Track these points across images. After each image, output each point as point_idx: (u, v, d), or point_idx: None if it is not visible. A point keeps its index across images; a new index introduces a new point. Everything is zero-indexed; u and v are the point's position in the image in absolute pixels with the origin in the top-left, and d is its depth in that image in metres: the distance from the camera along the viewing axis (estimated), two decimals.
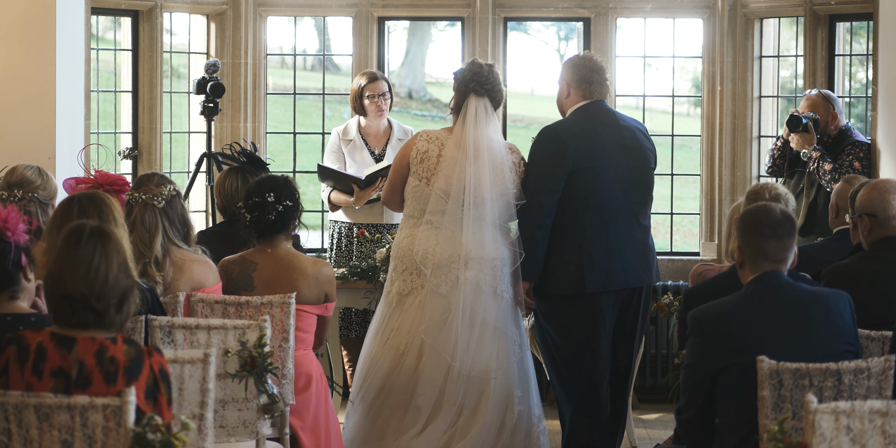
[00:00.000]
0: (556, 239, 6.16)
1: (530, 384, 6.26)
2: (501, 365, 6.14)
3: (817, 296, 4.43)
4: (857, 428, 3.65)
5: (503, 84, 6.33)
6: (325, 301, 5.65)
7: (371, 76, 7.77)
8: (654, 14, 8.85)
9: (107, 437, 3.57)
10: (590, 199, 6.16)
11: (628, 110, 15.78)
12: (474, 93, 6.21)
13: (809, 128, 7.56)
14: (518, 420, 6.16)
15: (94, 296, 3.65)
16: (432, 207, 6.16)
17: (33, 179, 5.93)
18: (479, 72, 6.22)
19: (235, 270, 5.63)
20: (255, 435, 5.05)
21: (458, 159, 6.15)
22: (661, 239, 13.98)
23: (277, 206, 5.60)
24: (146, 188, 5.38)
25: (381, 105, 7.74)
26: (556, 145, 6.15)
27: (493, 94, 6.23)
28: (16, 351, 3.68)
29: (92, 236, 3.70)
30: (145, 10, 8.58)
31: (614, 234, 6.19)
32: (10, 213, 4.08)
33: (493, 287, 6.15)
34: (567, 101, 6.34)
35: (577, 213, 6.15)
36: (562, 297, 6.19)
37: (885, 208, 5.40)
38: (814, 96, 7.73)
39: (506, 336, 6.16)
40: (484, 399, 6.10)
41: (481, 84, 6.21)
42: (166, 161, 8.82)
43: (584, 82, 6.30)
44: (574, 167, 6.13)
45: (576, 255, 6.13)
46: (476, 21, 8.80)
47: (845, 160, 7.52)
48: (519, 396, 6.17)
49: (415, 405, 6.12)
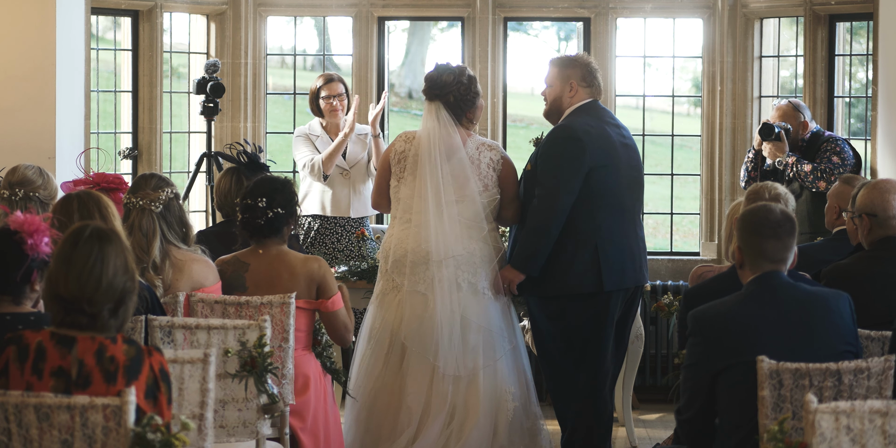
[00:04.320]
0: (569, 237, 6.16)
1: (527, 382, 6.26)
2: (488, 362, 6.14)
3: (817, 296, 4.43)
4: (857, 428, 3.65)
5: (470, 85, 6.31)
6: (320, 296, 5.61)
7: (327, 78, 7.98)
8: (654, 14, 8.85)
9: (107, 437, 3.57)
10: (604, 197, 6.19)
11: (628, 110, 15.79)
12: (426, 96, 6.32)
13: (781, 136, 7.57)
14: (514, 417, 6.15)
15: (85, 298, 3.62)
16: (407, 207, 6.25)
17: (34, 179, 5.93)
18: (427, 77, 6.35)
19: (229, 271, 5.63)
20: (255, 435, 5.05)
21: (422, 159, 6.23)
22: (661, 239, 13.99)
23: (268, 212, 5.57)
24: (143, 193, 5.37)
25: (336, 106, 7.93)
26: (575, 144, 6.16)
27: (443, 99, 6.27)
28: (15, 351, 3.67)
29: (90, 238, 3.66)
30: (145, 10, 8.58)
31: (625, 232, 6.25)
32: (39, 224, 4.05)
33: (473, 284, 6.16)
34: (571, 99, 6.34)
35: (592, 212, 6.17)
36: (575, 296, 6.19)
37: (885, 208, 5.40)
38: (784, 106, 7.74)
39: (490, 333, 6.17)
40: (474, 398, 6.10)
41: (430, 88, 6.30)
42: (166, 161, 8.82)
43: (592, 80, 6.34)
44: (591, 165, 6.15)
45: (591, 254, 6.16)
46: (476, 21, 8.80)
47: (823, 157, 7.52)
48: (513, 393, 6.17)
49: (406, 405, 6.13)
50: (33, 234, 4.03)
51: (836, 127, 8.40)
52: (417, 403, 6.11)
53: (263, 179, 5.74)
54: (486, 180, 6.25)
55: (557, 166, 6.15)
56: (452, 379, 6.11)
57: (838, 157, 7.50)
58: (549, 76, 6.40)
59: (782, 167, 7.55)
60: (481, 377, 6.12)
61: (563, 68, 6.37)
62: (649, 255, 8.82)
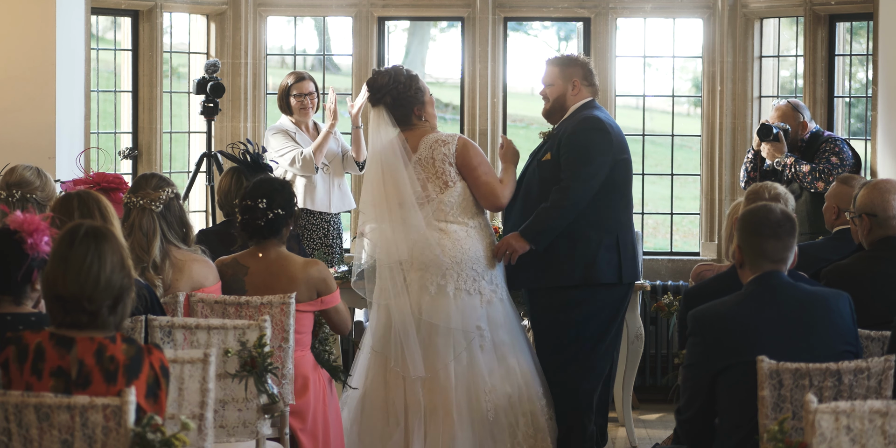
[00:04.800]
0: (593, 228, 6.23)
1: (516, 377, 6.21)
2: (448, 361, 6.12)
3: (817, 296, 4.43)
4: (857, 428, 3.65)
5: (409, 83, 6.30)
6: (319, 296, 5.62)
7: (298, 76, 7.95)
8: (654, 14, 8.85)
9: (107, 437, 3.57)
10: (624, 189, 6.32)
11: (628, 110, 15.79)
12: (370, 103, 6.37)
13: (780, 137, 7.57)
14: (498, 413, 6.12)
15: (85, 297, 3.62)
16: (376, 213, 6.28)
17: (32, 180, 5.92)
18: (366, 83, 6.40)
19: (228, 273, 5.62)
20: (255, 435, 5.05)
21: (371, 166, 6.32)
22: (661, 239, 13.99)
23: (268, 213, 5.57)
24: (143, 192, 5.37)
25: (307, 104, 7.91)
26: (604, 136, 6.24)
27: (382, 101, 6.28)
28: (15, 351, 3.67)
29: (86, 237, 3.66)
30: (145, 10, 8.58)
31: (633, 225, 6.42)
32: (38, 224, 4.06)
33: (441, 286, 6.16)
34: (575, 97, 6.38)
35: (613, 203, 6.27)
36: (597, 286, 6.25)
37: (885, 208, 5.40)
38: (783, 106, 7.74)
39: (458, 333, 6.15)
40: (443, 398, 6.09)
41: (370, 94, 6.35)
42: (166, 161, 8.82)
43: (593, 79, 6.44)
44: (615, 158, 6.24)
45: (614, 245, 6.25)
46: (476, 21, 8.80)
47: (822, 157, 7.52)
48: (489, 390, 6.13)
49: (391, 400, 6.18)
50: (33, 234, 4.03)
51: (836, 127, 8.40)
52: (398, 401, 6.14)
53: (263, 180, 5.74)
54: (444, 177, 6.24)
55: (589, 156, 6.20)
56: (420, 380, 6.13)
57: (837, 158, 7.50)
58: (550, 75, 6.42)
59: (781, 168, 7.55)
60: (451, 379, 6.11)
61: (565, 67, 6.40)
62: (649, 255, 8.87)
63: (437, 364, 6.12)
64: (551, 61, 6.46)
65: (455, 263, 6.16)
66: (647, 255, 8.69)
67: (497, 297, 6.27)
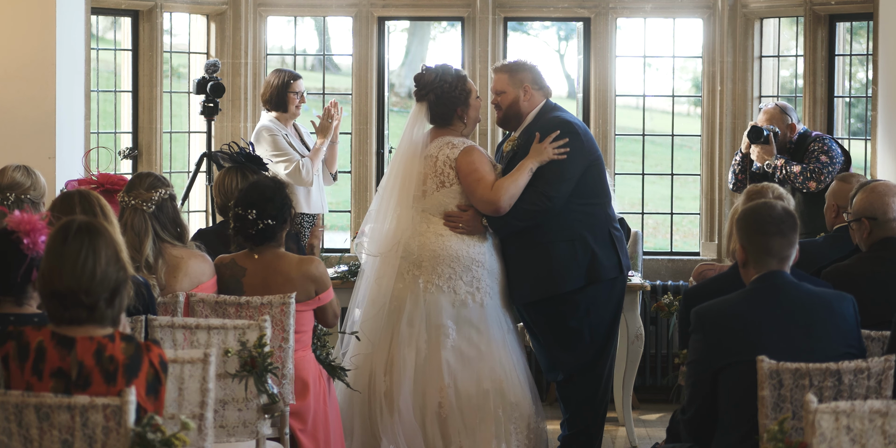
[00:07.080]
0: (588, 226, 6.26)
1: (482, 383, 6.19)
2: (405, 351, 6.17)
3: (820, 297, 4.42)
4: (857, 428, 3.65)
5: (456, 83, 6.37)
6: (318, 294, 5.61)
7: (296, 75, 7.91)
8: (654, 14, 8.85)
9: (107, 437, 3.57)
10: (602, 185, 6.34)
11: (628, 110, 15.78)
12: (415, 98, 6.43)
13: (770, 140, 7.57)
14: (452, 412, 6.11)
15: (82, 290, 3.63)
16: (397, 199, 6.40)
17: (23, 181, 5.92)
18: (414, 77, 6.45)
19: (226, 274, 5.60)
20: (255, 435, 5.05)
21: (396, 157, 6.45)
22: (661, 239, 13.99)
23: (258, 223, 5.52)
24: (136, 192, 5.37)
25: (299, 103, 7.90)
26: (576, 138, 6.23)
27: (426, 98, 6.35)
28: (15, 347, 3.67)
29: (79, 232, 3.67)
30: (145, 10, 8.58)
31: (616, 216, 6.47)
32: (36, 223, 4.06)
33: (415, 276, 6.23)
34: (528, 102, 6.39)
35: (603, 201, 6.32)
36: (605, 282, 6.30)
37: (885, 211, 5.39)
38: (771, 109, 7.73)
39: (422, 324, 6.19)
40: (396, 384, 6.16)
41: (416, 89, 6.40)
42: (166, 161, 8.82)
43: (543, 82, 6.44)
44: (591, 158, 6.27)
45: (609, 241, 6.30)
46: (476, 21, 8.80)
47: (811, 157, 7.51)
48: (442, 388, 6.13)
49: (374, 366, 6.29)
50: (30, 233, 4.04)
51: (836, 127, 8.40)
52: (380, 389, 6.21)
53: (254, 187, 5.63)
54: (442, 177, 6.29)
55: (565, 160, 6.19)
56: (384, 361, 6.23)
57: (826, 156, 7.49)
58: (499, 83, 6.42)
59: (771, 170, 7.55)
60: (409, 368, 6.18)
61: (514, 73, 6.40)
62: (649, 255, 8.87)
63: (402, 349, 6.18)
64: (498, 68, 6.47)
65: (432, 257, 6.19)
66: (647, 255, 8.69)
67: (474, 300, 6.23)
